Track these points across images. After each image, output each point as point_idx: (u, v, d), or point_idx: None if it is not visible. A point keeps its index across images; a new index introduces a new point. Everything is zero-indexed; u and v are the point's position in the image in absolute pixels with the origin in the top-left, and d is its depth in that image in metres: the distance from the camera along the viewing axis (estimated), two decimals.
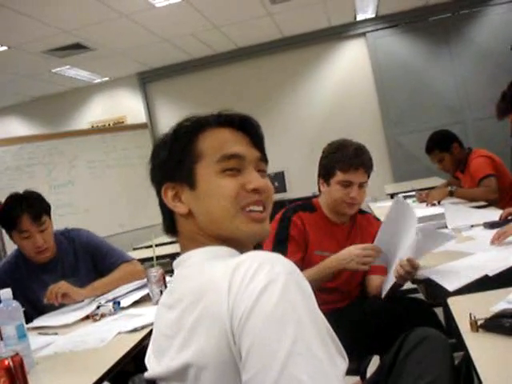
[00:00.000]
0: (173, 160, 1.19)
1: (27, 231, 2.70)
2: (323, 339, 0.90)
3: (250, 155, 1.19)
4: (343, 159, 2.44)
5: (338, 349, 0.95)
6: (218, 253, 1.14)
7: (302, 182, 7.73)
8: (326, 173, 2.52)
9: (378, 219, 2.78)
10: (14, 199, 2.74)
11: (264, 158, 1.24)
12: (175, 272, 1.20)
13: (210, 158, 1.16)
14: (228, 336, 0.91)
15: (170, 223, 1.25)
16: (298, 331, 0.86)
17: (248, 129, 1.23)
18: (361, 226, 2.63)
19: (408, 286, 2.53)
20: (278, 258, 0.96)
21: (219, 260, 1.08)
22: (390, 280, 2.21)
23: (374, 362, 2.39)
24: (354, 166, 2.43)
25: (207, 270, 1.06)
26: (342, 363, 0.95)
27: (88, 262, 2.93)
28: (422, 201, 4.36)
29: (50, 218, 2.83)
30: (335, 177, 2.47)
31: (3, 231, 2.83)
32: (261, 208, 1.16)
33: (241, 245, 1.16)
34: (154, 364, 1.10)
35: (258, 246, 1.23)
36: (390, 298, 2.31)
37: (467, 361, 1.44)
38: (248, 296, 0.89)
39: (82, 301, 2.68)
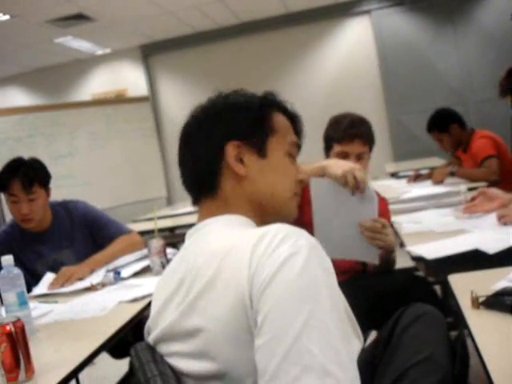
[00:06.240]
0: (253, 124, 1.23)
1: (16, 196, 2.70)
2: (340, 317, 0.91)
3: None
4: (339, 131, 2.47)
5: (354, 328, 0.97)
6: (235, 222, 1.18)
7: (303, 160, 7.72)
8: (326, 146, 2.55)
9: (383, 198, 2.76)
10: (13, 162, 2.75)
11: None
12: (187, 241, 1.21)
13: (283, 137, 1.26)
14: (245, 300, 0.92)
15: (209, 182, 1.23)
16: (316, 305, 0.88)
17: (297, 125, 1.36)
18: None
19: (408, 263, 2.54)
20: (302, 232, 0.99)
21: (239, 228, 1.13)
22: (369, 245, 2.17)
23: (372, 338, 2.41)
24: (348, 137, 2.44)
25: (225, 236, 1.08)
26: (357, 343, 0.96)
27: (85, 233, 2.92)
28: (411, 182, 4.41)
29: (45, 191, 2.81)
30: (333, 149, 2.49)
31: (2, 198, 2.83)
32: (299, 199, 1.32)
33: (273, 218, 1.21)
34: (160, 326, 1.12)
35: None
36: (390, 273, 2.32)
37: (463, 338, 1.45)
38: (271, 263, 0.92)
39: None
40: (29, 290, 2.52)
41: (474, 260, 1.94)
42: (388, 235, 2.13)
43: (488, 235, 2.19)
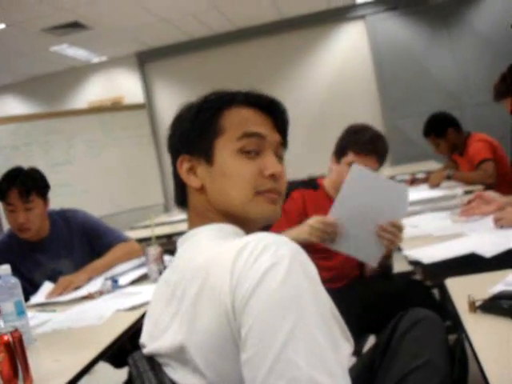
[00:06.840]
0: (194, 132, 1.19)
1: (13, 205, 2.69)
2: (326, 323, 0.90)
3: (271, 138, 1.21)
4: (358, 142, 2.49)
5: (344, 332, 0.95)
6: (223, 231, 1.15)
7: (298, 165, 7.71)
8: (339, 151, 2.56)
9: None
10: (11, 172, 2.74)
11: (284, 144, 1.26)
12: (179, 249, 1.20)
13: (232, 134, 1.17)
14: (228, 313, 0.91)
15: (182, 195, 1.26)
16: (300, 315, 0.87)
17: (274, 112, 1.24)
18: None
19: (405, 267, 2.54)
20: (284, 240, 0.96)
21: (224, 239, 1.09)
22: (376, 247, 2.23)
23: (370, 342, 2.41)
24: (366, 151, 2.48)
25: (212, 247, 1.06)
26: (347, 347, 0.95)
27: (84, 242, 2.92)
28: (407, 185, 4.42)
29: (43, 201, 2.80)
30: (346, 157, 2.51)
31: (0, 207, 2.82)
32: (276, 196, 1.18)
33: (249, 224, 1.18)
34: (154, 340, 1.11)
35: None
36: (387, 278, 2.32)
37: (462, 342, 1.45)
38: (252, 275, 0.90)
39: None
40: (27, 299, 2.52)
41: (471, 264, 1.94)
42: (401, 240, 2.19)
43: (485, 239, 2.19)
